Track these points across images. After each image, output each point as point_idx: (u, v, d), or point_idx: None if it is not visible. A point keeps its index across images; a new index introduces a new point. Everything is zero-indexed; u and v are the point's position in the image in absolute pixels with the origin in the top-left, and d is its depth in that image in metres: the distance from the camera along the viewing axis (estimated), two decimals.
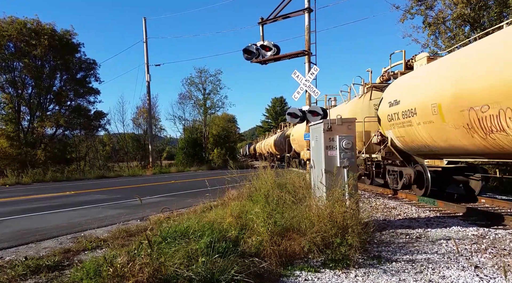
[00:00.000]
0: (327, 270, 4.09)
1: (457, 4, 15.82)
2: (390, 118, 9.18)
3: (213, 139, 38.24)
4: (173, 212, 6.55)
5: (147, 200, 10.60)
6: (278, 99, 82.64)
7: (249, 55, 10.57)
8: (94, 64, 32.09)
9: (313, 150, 6.43)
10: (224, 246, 4.08)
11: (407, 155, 9.70)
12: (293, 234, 4.60)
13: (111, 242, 5.44)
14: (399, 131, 8.90)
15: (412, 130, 8.23)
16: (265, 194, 5.69)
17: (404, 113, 8.38)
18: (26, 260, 4.60)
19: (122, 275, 3.27)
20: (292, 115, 9.63)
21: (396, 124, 8.92)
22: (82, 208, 9.64)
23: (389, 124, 9.30)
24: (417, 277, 3.80)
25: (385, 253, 4.67)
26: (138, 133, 37.89)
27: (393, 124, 9.07)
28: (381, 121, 9.91)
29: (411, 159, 9.64)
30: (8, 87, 27.28)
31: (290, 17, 10.99)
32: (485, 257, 4.46)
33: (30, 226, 7.31)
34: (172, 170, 29.29)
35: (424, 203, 8.82)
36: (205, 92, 38.35)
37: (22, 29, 26.03)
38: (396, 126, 8.95)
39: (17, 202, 11.46)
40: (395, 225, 6.37)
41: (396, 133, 9.11)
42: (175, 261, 3.56)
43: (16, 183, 20.20)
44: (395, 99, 8.86)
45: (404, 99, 8.47)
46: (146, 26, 29.70)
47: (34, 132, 27.82)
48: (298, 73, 9.78)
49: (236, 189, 7.78)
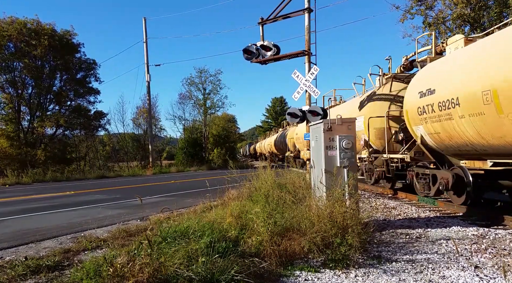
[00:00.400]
0: (327, 270, 4.09)
1: (457, 4, 15.83)
2: (421, 111, 7.74)
3: (213, 139, 38.25)
4: (173, 212, 6.56)
5: (147, 200, 10.60)
6: (278, 99, 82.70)
7: (249, 55, 10.57)
8: (94, 64, 32.17)
9: (313, 150, 6.43)
10: (224, 246, 4.09)
11: (440, 155, 8.19)
12: (293, 234, 4.60)
13: (111, 242, 5.44)
14: (433, 127, 7.50)
15: (451, 125, 6.85)
16: (265, 194, 5.70)
17: (441, 104, 6.95)
18: (26, 260, 4.60)
19: (122, 275, 3.28)
20: (292, 115, 9.64)
21: (429, 118, 7.50)
22: (82, 208, 9.64)
23: (420, 118, 7.85)
24: (417, 277, 3.80)
25: (385, 253, 4.67)
26: (138, 133, 37.92)
27: (425, 119, 7.64)
28: (409, 116, 8.43)
29: (445, 160, 8.13)
30: (8, 87, 27.33)
31: (290, 17, 10.99)
32: (485, 257, 4.46)
33: (30, 226, 7.31)
34: (172, 170, 29.30)
35: (424, 203, 8.82)
36: (205, 92, 38.40)
37: (22, 29, 26.05)
38: (429, 120, 7.52)
39: (17, 202, 11.46)
40: (395, 225, 6.37)
41: (428, 129, 7.69)
42: (175, 261, 3.56)
43: (16, 183, 20.21)
44: (428, 89, 7.43)
45: (441, 87, 7.06)
46: (146, 26, 29.73)
47: (34, 132, 27.83)
48: (298, 73, 9.79)
49: (236, 189, 7.78)
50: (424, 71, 8.32)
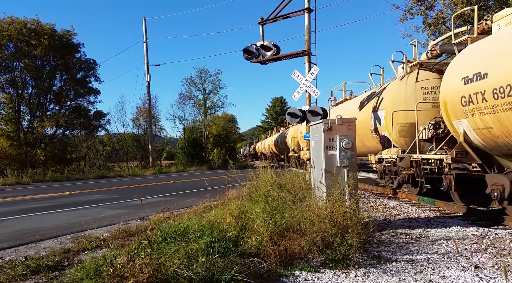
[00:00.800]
0: (327, 270, 4.09)
1: (457, 4, 15.83)
2: (466, 101, 6.45)
3: (213, 139, 38.27)
4: (173, 212, 6.55)
5: (147, 200, 10.60)
6: (278, 99, 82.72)
7: (249, 55, 10.58)
8: (94, 64, 32.19)
9: (313, 150, 6.43)
10: (224, 246, 4.09)
11: (487, 156, 6.84)
12: (293, 234, 4.60)
13: (111, 242, 5.44)
14: (482, 120, 6.18)
15: (510, 117, 5.61)
16: (265, 194, 5.71)
17: (497, 91, 5.70)
18: (26, 260, 4.60)
19: (122, 275, 3.28)
20: (292, 115, 9.65)
21: (477, 110, 6.19)
22: (82, 208, 9.64)
23: (463, 110, 6.55)
24: (417, 277, 3.80)
25: (385, 253, 4.67)
26: (138, 133, 37.96)
27: (472, 110, 6.33)
28: (448, 108, 7.10)
29: (493, 162, 6.83)
30: (8, 87, 27.34)
31: (290, 17, 11.00)
32: (485, 257, 4.46)
33: (30, 226, 7.31)
34: (172, 170, 29.31)
35: (424, 203, 8.81)
36: (205, 92, 38.44)
37: (22, 29, 26.07)
38: (477, 112, 6.22)
39: (17, 202, 11.46)
40: (395, 225, 6.37)
41: (475, 123, 6.33)
42: (175, 261, 3.56)
43: (16, 183, 20.21)
44: (477, 73, 6.18)
45: (496, 70, 5.79)
46: (146, 26, 29.75)
47: (34, 132, 27.84)
48: (298, 73, 9.80)
49: (236, 189, 7.78)
50: (468, 53, 6.92)
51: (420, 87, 8.91)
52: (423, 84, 8.91)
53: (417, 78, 9.01)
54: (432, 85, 8.78)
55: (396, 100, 9.27)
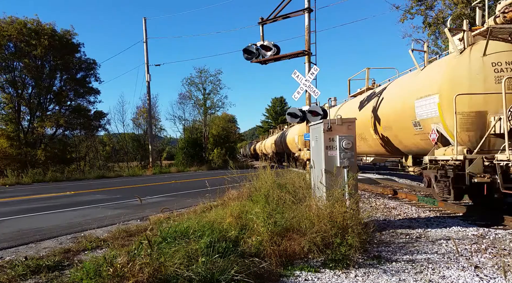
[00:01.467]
0: (327, 270, 4.09)
1: (457, 4, 15.83)
2: None
3: (213, 139, 38.26)
4: (173, 212, 6.55)
5: (147, 200, 10.59)
6: (278, 99, 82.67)
7: (249, 55, 10.57)
8: (94, 64, 32.14)
9: (313, 150, 6.43)
10: (224, 246, 4.09)
11: None
12: (293, 234, 4.60)
13: (111, 242, 5.44)
14: None
15: None
16: (265, 194, 5.69)
17: None
18: (26, 260, 4.60)
19: (122, 275, 3.28)
20: (292, 115, 9.63)
21: None
22: (82, 208, 9.64)
23: None
24: (417, 277, 3.81)
25: (385, 253, 4.67)
26: (138, 133, 37.95)
27: None
28: None
29: None
30: (8, 87, 27.31)
31: (290, 17, 10.99)
32: (485, 257, 4.46)
33: (30, 226, 7.31)
34: (172, 170, 29.31)
35: (424, 203, 8.81)
36: (205, 92, 38.40)
37: (22, 29, 26.04)
38: None
39: (17, 202, 11.46)
40: (395, 225, 6.37)
41: None
42: (175, 261, 3.57)
43: (16, 183, 20.21)
44: None
45: None
46: (146, 26, 29.72)
47: (34, 132, 27.82)
48: (298, 73, 9.79)
49: (236, 189, 7.78)
50: None
51: (491, 63, 6.56)
52: (494, 58, 6.58)
53: (484, 51, 6.60)
54: (508, 59, 6.51)
55: (456, 81, 6.78)
